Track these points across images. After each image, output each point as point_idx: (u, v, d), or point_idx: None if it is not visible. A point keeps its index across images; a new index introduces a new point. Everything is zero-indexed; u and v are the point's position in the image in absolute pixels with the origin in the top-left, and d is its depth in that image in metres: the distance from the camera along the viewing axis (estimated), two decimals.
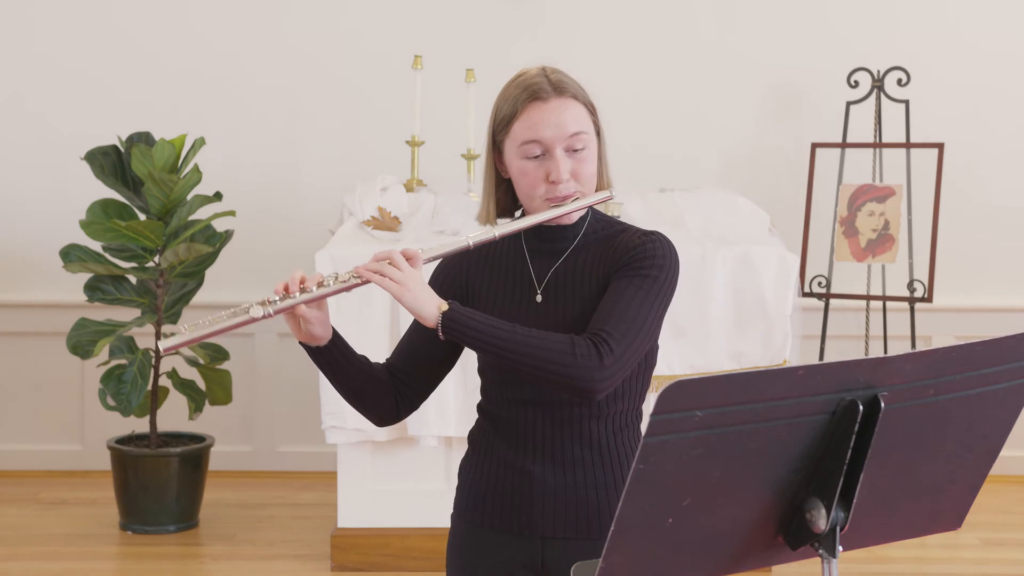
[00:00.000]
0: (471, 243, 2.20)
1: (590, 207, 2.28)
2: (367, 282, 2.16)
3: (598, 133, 2.26)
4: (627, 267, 2.19)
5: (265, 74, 5.58)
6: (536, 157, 2.20)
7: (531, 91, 2.21)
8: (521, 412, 2.25)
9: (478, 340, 2.11)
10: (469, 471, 2.35)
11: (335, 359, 2.23)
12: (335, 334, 2.23)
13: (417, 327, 2.31)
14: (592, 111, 2.25)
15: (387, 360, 2.34)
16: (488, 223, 2.29)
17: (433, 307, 2.12)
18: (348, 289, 2.17)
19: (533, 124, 2.19)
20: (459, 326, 2.11)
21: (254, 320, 2.14)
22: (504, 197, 2.30)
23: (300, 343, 2.23)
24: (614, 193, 2.28)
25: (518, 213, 2.33)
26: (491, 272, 2.30)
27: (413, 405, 2.33)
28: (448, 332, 2.12)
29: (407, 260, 2.15)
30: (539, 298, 2.25)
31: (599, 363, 2.08)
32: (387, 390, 2.28)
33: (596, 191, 2.25)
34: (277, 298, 2.15)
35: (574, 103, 2.22)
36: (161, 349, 2.16)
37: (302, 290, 2.15)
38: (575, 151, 2.21)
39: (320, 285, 2.15)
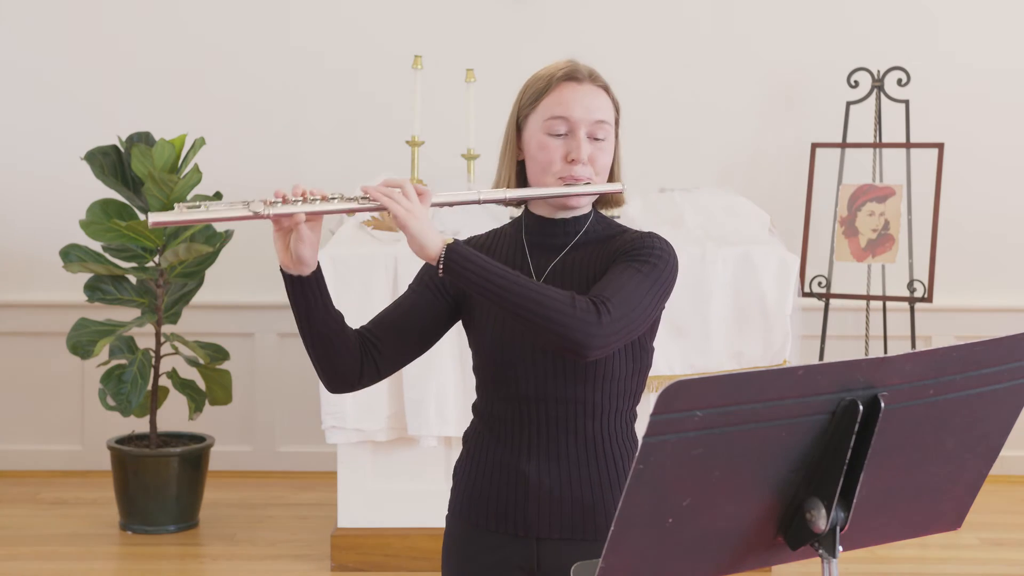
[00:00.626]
0: (481, 198, 2.20)
1: (596, 202, 2.30)
2: (379, 208, 2.09)
3: (616, 133, 2.29)
4: (625, 254, 2.21)
5: (265, 74, 5.59)
6: (559, 135, 2.22)
7: (567, 71, 2.25)
8: (516, 409, 2.25)
9: (479, 277, 2.08)
10: (464, 472, 2.34)
11: (314, 294, 2.16)
12: (318, 267, 2.17)
13: (401, 302, 2.29)
14: (616, 109, 2.29)
15: (361, 326, 2.28)
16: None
17: (437, 239, 2.09)
18: (353, 211, 2.11)
19: (564, 101, 2.22)
20: (462, 260, 2.08)
21: (253, 216, 2.05)
22: (515, 178, 2.30)
23: (281, 270, 2.15)
24: (623, 186, 2.29)
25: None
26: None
27: (378, 373, 2.26)
28: (450, 266, 2.08)
29: (418, 196, 2.12)
30: None
31: (596, 319, 2.07)
32: (353, 350, 2.22)
33: None
34: (279, 201, 2.08)
35: (604, 94, 2.27)
36: (150, 222, 2.06)
37: (305, 200, 2.09)
38: (596, 139, 2.23)
39: (325, 200, 2.09)
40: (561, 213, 2.28)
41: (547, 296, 2.08)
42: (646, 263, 2.18)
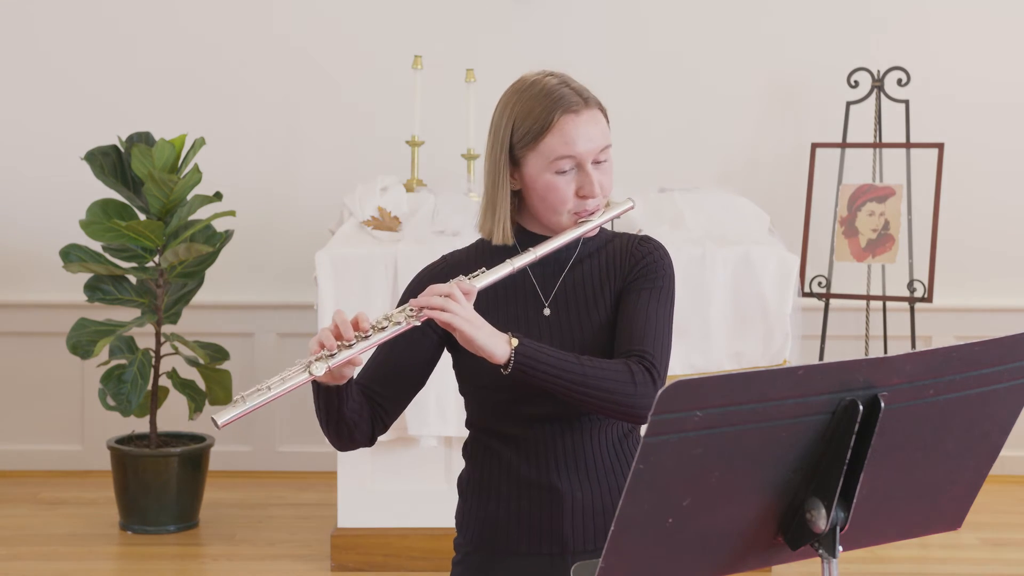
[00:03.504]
0: (515, 267, 2.16)
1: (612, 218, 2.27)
2: (427, 320, 2.06)
3: None
4: (641, 279, 2.19)
5: (265, 74, 5.58)
6: (565, 172, 2.17)
7: (563, 104, 2.16)
8: (538, 428, 2.20)
9: (548, 375, 2.06)
10: (478, 493, 2.27)
11: (347, 396, 2.14)
12: None
13: (392, 349, 2.22)
14: (607, 117, 2.23)
15: (362, 386, 2.22)
16: (502, 240, 2.22)
17: (504, 343, 2.05)
18: (406, 329, 2.07)
19: (568, 140, 2.15)
20: (531, 361, 2.05)
21: (315, 378, 2.03)
22: (513, 208, 2.24)
23: (313, 382, 2.09)
24: (634, 200, 2.27)
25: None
26: (490, 284, 2.22)
27: (386, 428, 2.25)
28: (519, 368, 2.05)
29: (465, 295, 2.07)
30: (547, 311, 2.22)
31: (654, 389, 2.08)
32: (368, 420, 2.20)
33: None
34: (334, 351, 2.02)
35: (599, 114, 2.20)
36: (218, 424, 2.00)
37: (358, 336, 2.03)
38: (599, 163, 2.19)
39: (377, 329, 2.04)
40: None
41: (610, 380, 2.07)
42: (661, 288, 2.19)
